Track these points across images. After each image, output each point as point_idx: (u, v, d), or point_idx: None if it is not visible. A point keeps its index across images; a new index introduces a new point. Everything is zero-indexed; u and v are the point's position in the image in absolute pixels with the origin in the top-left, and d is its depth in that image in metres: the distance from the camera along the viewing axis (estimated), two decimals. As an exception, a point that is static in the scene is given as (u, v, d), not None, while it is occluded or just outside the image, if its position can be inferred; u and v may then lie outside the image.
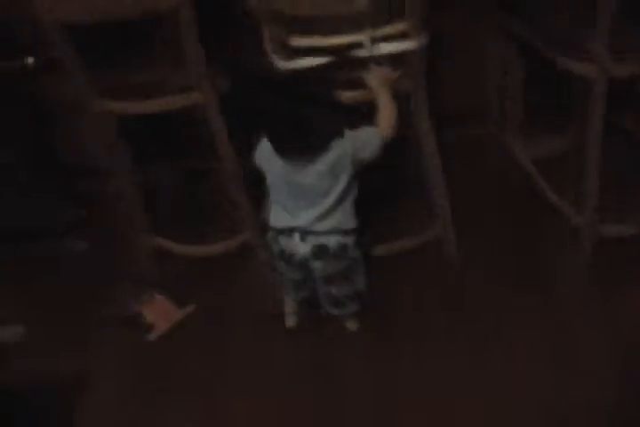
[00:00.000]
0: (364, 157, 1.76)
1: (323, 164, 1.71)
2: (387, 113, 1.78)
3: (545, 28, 1.91)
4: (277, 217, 1.84)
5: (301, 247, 1.81)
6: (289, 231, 1.81)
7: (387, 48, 1.75)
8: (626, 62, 1.78)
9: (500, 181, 2.46)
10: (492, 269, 2.16)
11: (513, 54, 2.20)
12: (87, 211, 2.51)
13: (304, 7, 1.64)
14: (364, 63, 1.78)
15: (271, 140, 1.73)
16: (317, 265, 1.84)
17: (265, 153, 1.77)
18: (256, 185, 1.91)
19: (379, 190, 1.90)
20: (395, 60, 1.80)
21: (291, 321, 2.09)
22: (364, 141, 1.75)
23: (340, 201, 1.77)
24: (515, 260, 2.18)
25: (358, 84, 1.80)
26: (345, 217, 1.81)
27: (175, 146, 2.43)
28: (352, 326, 2.06)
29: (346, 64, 1.78)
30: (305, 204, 1.77)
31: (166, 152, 2.42)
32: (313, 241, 1.80)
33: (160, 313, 2.16)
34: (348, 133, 1.73)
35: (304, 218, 1.78)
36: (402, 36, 1.75)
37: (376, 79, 1.80)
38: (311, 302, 2.03)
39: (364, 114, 1.79)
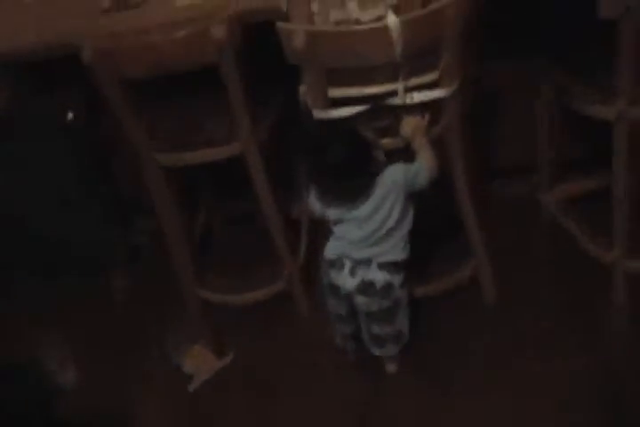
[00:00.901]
0: (415, 187, 1.85)
1: (376, 197, 1.81)
2: (425, 156, 1.87)
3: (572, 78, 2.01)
4: (332, 248, 1.93)
5: (349, 281, 1.89)
6: (340, 264, 1.89)
7: (419, 97, 1.84)
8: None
9: (541, 230, 2.52)
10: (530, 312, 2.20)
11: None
12: (139, 248, 2.58)
13: (348, 60, 1.75)
14: (397, 111, 1.87)
15: (318, 195, 1.86)
16: (362, 301, 1.91)
17: (314, 203, 1.90)
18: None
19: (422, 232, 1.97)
20: (428, 107, 1.88)
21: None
22: (415, 172, 1.84)
23: (393, 230, 1.86)
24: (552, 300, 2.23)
25: (393, 133, 1.89)
26: (396, 247, 1.89)
27: (227, 189, 2.50)
28: (391, 368, 2.10)
29: (380, 113, 1.87)
30: (363, 234, 1.85)
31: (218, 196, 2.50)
32: (361, 276, 1.88)
33: (199, 363, 2.19)
34: (400, 165, 1.84)
35: (358, 246, 1.87)
36: (434, 84, 1.84)
37: (408, 127, 1.88)
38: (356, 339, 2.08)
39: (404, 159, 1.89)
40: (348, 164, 1.77)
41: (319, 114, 1.86)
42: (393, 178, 1.83)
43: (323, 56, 1.73)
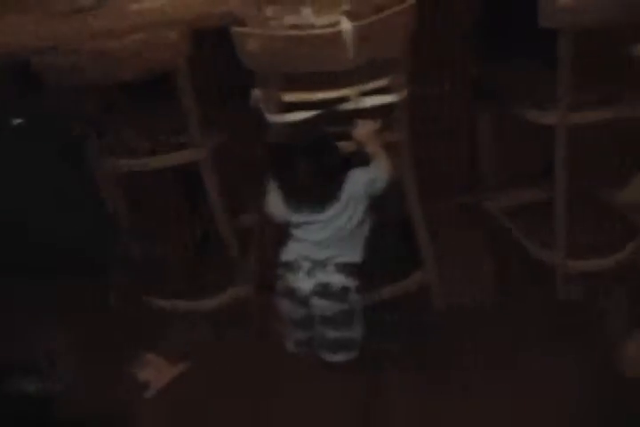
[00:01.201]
0: (374, 190, 1.89)
1: (342, 199, 1.86)
2: (381, 160, 1.92)
3: (515, 84, 2.09)
4: (290, 250, 1.95)
5: (305, 283, 1.91)
6: (297, 266, 1.91)
7: (371, 101, 1.89)
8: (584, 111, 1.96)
9: (487, 237, 2.57)
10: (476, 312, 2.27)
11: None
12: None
13: (302, 65, 1.79)
14: (350, 116, 1.91)
15: (287, 191, 1.87)
16: (318, 303, 1.92)
17: (278, 207, 1.91)
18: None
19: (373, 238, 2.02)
20: (380, 113, 1.93)
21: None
22: (374, 176, 1.90)
23: (354, 231, 1.91)
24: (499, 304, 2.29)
25: (347, 137, 1.93)
26: (354, 248, 1.93)
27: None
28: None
29: (334, 118, 1.91)
30: (326, 235, 1.89)
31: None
32: (318, 278, 1.90)
33: (154, 372, 2.18)
34: (360, 169, 1.89)
35: (319, 247, 1.90)
36: (385, 90, 1.89)
37: (361, 132, 1.92)
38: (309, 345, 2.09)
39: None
40: (320, 168, 1.82)
41: (273, 118, 1.90)
42: (356, 182, 1.87)
43: (277, 61, 1.77)
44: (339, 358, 2.05)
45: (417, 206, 2.14)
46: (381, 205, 1.96)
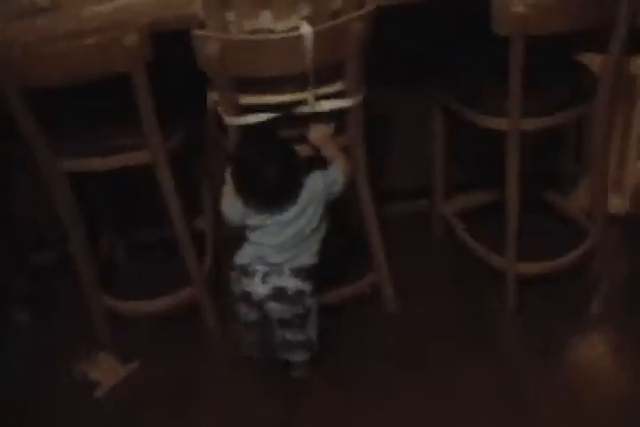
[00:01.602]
0: (334, 192, 1.93)
1: (300, 202, 1.88)
2: (338, 162, 1.95)
3: (467, 92, 2.14)
4: (245, 254, 1.95)
5: (260, 288, 1.92)
6: (252, 270, 1.92)
7: (328, 105, 1.92)
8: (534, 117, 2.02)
9: (436, 242, 2.64)
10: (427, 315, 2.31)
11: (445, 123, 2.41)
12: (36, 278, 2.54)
13: (261, 69, 1.81)
14: (306, 119, 1.94)
15: (247, 194, 1.88)
16: (273, 307, 1.93)
17: (236, 210, 1.92)
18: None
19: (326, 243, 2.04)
20: (335, 116, 1.96)
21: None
22: (333, 178, 1.93)
23: (310, 235, 1.93)
24: (450, 308, 2.34)
25: (303, 140, 1.96)
26: (309, 252, 1.95)
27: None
28: (300, 373, 2.12)
29: (290, 121, 1.93)
30: (282, 238, 1.90)
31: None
32: (273, 282, 1.91)
33: (105, 370, 2.17)
34: (318, 171, 1.91)
35: (275, 251, 1.91)
36: (342, 94, 1.92)
37: (316, 135, 1.95)
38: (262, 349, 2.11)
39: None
40: (279, 171, 1.84)
41: (230, 121, 1.91)
42: (315, 184, 1.90)
43: (236, 64, 1.78)
44: (296, 357, 2.08)
45: (370, 209, 2.17)
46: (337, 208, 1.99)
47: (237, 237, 2.00)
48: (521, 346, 2.19)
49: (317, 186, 1.91)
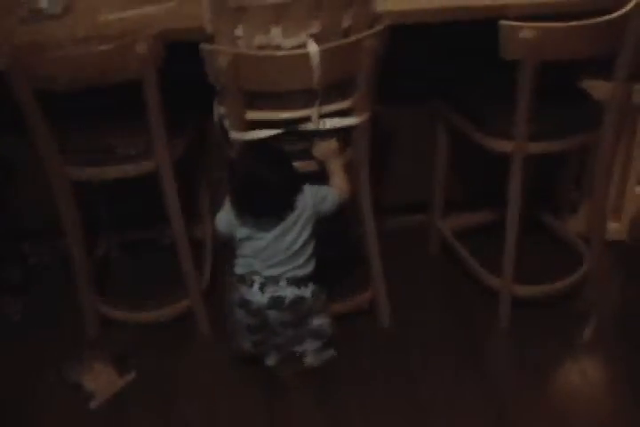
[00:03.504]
0: (323, 210, 1.94)
1: (289, 218, 1.89)
2: (337, 180, 1.96)
3: (473, 112, 2.15)
4: (241, 265, 1.97)
5: (259, 297, 1.94)
6: (249, 280, 1.95)
7: (331, 123, 1.93)
8: (540, 141, 2.03)
9: (433, 260, 2.65)
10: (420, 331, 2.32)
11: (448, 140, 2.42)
12: (29, 275, 2.53)
13: (268, 85, 1.82)
14: (310, 136, 1.95)
15: (241, 206, 1.89)
16: (273, 315, 1.97)
17: (232, 221, 1.92)
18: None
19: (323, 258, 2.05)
20: (340, 134, 1.97)
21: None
22: (324, 196, 1.94)
23: (300, 250, 1.94)
24: (443, 326, 2.34)
25: (307, 156, 1.97)
26: (303, 264, 1.96)
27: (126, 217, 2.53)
28: (311, 361, 2.14)
29: (295, 137, 1.94)
30: (271, 253, 1.92)
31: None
32: (271, 293, 1.93)
33: (101, 381, 2.16)
34: (309, 188, 1.92)
35: (267, 264, 1.93)
36: (346, 112, 1.93)
37: (321, 151, 1.96)
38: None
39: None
40: (275, 188, 1.85)
41: (236, 136, 1.92)
42: (303, 201, 1.90)
43: (244, 79, 1.79)
44: (306, 346, 2.10)
45: (371, 224, 2.18)
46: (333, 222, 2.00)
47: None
48: (509, 368, 2.20)
49: (306, 203, 1.91)
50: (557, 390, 2.12)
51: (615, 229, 2.61)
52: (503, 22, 1.81)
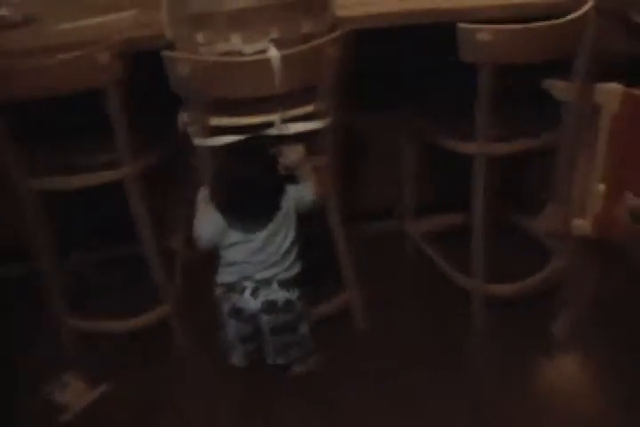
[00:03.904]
0: (301, 209, 1.97)
1: (276, 219, 1.93)
2: (310, 182, 1.99)
3: (437, 116, 2.18)
4: (229, 272, 1.99)
5: (252, 303, 1.97)
6: (240, 287, 1.97)
7: (295, 127, 1.94)
8: (502, 142, 2.06)
9: (406, 263, 2.67)
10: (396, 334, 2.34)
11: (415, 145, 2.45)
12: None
13: (230, 91, 1.83)
14: (277, 141, 1.95)
15: (230, 210, 1.91)
16: (266, 319, 1.99)
17: (218, 229, 1.94)
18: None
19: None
20: (305, 139, 1.98)
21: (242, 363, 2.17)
22: (302, 195, 1.97)
23: (289, 250, 1.98)
24: (420, 328, 2.36)
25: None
26: (292, 264, 2.00)
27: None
28: (301, 368, 2.16)
29: (260, 142, 1.95)
30: (264, 256, 1.95)
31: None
32: (264, 296, 1.97)
33: (73, 394, 2.15)
34: (291, 186, 1.96)
35: (259, 268, 1.96)
36: (310, 117, 1.95)
37: (289, 159, 1.96)
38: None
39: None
40: (263, 188, 1.89)
41: (199, 142, 1.93)
42: (288, 199, 1.95)
43: (206, 86, 1.80)
44: (292, 356, 2.12)
45: (340, 230, 2.19)
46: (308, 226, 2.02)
47: (209, 255, 2.03)
48: (487, 367, 2.21)
49: (289, 201, 1.95)
50: (535, 387, 2.12)
51: (580, 225, 2.63)
52: (461, 25, 1.84)
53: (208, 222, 1.95)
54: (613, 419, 1.99)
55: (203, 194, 1.98)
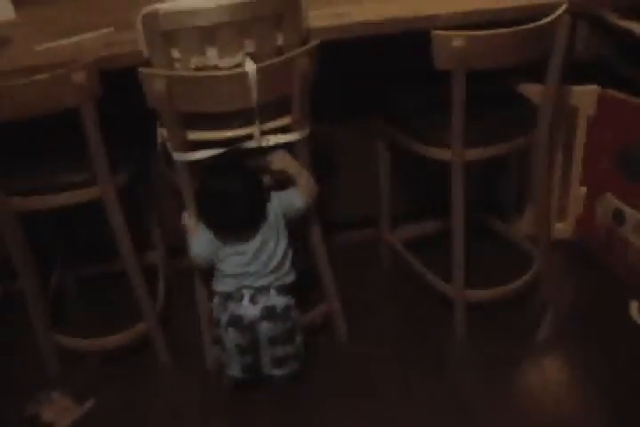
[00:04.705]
0: (292, 213, 2.00)
1: (265, 228, 1.95)
2: (303, 181, 2.01)
3: (410, 124, 2.18)
4: (226, 283, 2.01)
5: (251, 310, 1.98)
6: (239, 295, 1.98)
7: (274, 140, 1.95)
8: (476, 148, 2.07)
9: (385, 272, 2.68)
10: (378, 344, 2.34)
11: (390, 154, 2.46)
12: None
13: (207, 105, 1.84)
14: (257, 152, 1.97)
15: (218, 224, 1.95)
16: (266, 326, 1.99)
17: (212, 246, 1.98)
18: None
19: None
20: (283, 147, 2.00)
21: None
22: (290, 200, 1.99)
23: (284, 257, 2.00)
24: (401, 335, 2.37)
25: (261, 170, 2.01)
26: (288, 271, 2.03)
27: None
28: (279, 380, 2.14)
29: (239, 155, 1.96)
30: (258, 266, 1.97)
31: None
32: (263, 303, 1.98)
33: (59, 411, 2.14)
34: (275, 194, 1.98)
35: (256, 276, 1.98)
36: (287, 129, 1.96)
37: (277, 161, 2.00)
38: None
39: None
40: (248, 200, 1.92)
41: (178, 157, 1.93)
42: (273, 207, 1.97)
43: (183, 100, 1.81)
44: (288, 369, 2.11)
45: (319, 238, 2.20)
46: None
47: (191, 269, 2.06)
48: (470, 373, 2.22)
49: (276, 209, 1.98)
50: (519, 391, 2.14)
51: (561, 228, 2.67)
52: (436, 32, 1.85)
53: (201, 241, 1.99)
54: (596, 421, 2.01)
55: (185, 216, 2.03)
